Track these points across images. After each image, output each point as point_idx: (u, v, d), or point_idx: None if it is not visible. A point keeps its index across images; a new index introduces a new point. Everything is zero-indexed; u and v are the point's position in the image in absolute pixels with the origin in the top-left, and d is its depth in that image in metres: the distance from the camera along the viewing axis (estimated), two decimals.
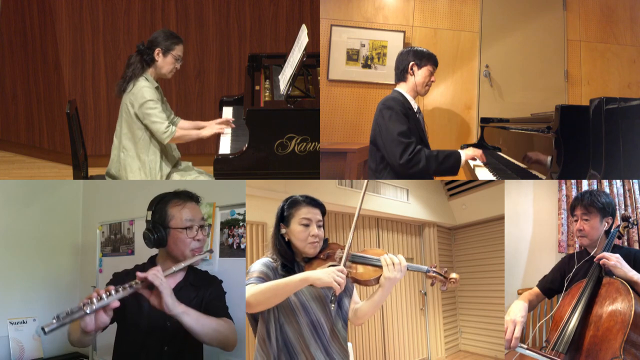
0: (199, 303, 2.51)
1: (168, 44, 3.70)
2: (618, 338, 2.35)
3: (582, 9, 4.84)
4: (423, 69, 3.37)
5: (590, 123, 2.67)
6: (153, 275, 2.30)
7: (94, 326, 2.22)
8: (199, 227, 2.54)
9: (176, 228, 2.50)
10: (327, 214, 2.41)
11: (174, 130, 3.67)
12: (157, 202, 2.56)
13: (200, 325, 2.35)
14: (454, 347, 5.80)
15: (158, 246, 2.54)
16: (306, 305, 2.24)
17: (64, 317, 2.14)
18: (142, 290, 2.30)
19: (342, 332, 2.30)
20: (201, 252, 2.56)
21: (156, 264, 2.54)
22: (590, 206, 2.75)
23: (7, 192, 3.63)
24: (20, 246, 3.59)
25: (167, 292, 2.29)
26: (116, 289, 2.26)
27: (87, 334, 2.24)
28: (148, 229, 2.53)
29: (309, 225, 2.26)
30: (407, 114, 3.28)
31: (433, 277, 2.24)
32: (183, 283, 2.55)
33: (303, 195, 2.31)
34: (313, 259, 2.28)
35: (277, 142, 3.60)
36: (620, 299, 2.43)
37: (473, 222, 5.72)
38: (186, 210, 2.53)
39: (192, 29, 5.44)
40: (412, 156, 3.16)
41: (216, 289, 2.61)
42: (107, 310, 2.24)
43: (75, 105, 3.87)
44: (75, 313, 2.17)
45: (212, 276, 2.68)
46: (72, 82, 5.43)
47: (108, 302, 2.22)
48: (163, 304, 2.29)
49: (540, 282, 2.95)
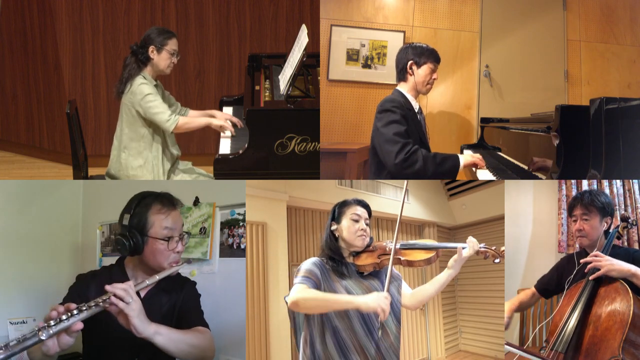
0: (171, 309, 2.36)
1: (161, 39, 3.70)
2: (617, 338, 2.35)
3: (582, 9, 4.84)
4: (423, 67, 3.28)
5: (590, 123, 2.67)
6: (123, 292, 2.10)
7: (57, 348, 2.03)
8: (179, 237, 2.36)
9: (156, 238, 2.31)
10: (327, 213, 2.49)
11: (177, 118, 3.66)
12: (137, 205, 2.35)
13: (174, 343, 2.18)
14: (454, 347, 5.80)
15: (132, 254, 2.34)
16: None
17: (14, 345, 1.93)
18: (110, 309, 2.10)
19: (392, 328, 2.34)
20: (178, 262, 2.38)
21: (124, 269, 2.39)
22: (591, 205, 2.75)
23: (7, 192, 3.63)
24: (20, 246, 3.59)
25: (135, 313, 2.09)
26: (79, 308, 2.04)
27: (50, 357, 2.04)
28: (123, 234, 2.30)
29: (359, 221, 2.40)
30: (407, 114, 3.21)
31: (484, 252, 2.38)
32: (154, 290, 2.38)
33: (353, 198, 2.47)
34: (361, 252, 2.41)
35: (277, 142, 3.60)
36: (619, 299, 2.44)
37: (473, 222, 5.72)
38: (169, 219, 2.34)
39: (192, 29, 5.44)
40: (407, 156, 3.06)
41: (189, 292, 2.45)
42: (69, 332, 2.03)
43: (75, 105, 3.87)
44: (28, 339, 1.96)
45: (184, 278, 2.51)
46: (72, 82, 5.44)
47: (68, 325, 2.01)
48: (131, 327, 2.10)
49: (537, 282, 2.96)
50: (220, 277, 3.19)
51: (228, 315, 3.01)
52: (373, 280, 2.39)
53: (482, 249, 2.38)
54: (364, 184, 4.79)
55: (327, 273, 2.33)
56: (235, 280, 3.14)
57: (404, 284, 2.51)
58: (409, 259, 2.37)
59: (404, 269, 4.57)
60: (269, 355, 3.63)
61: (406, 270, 5.02)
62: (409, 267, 2.42)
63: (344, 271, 2.36)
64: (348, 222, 2.40)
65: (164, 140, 3.79)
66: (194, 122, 3.77)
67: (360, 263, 2.38)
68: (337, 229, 2.41)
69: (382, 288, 2.37)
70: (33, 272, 3.65)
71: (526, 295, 2.97)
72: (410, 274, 5.25)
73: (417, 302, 2.49)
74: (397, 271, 2.49)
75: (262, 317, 3.63)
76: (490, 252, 2.37)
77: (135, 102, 3.67)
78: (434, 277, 2.48)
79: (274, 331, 3.66)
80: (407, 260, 2.37)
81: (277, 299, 3.73)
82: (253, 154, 3.59)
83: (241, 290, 3.13)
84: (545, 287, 2.91)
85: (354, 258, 2.41)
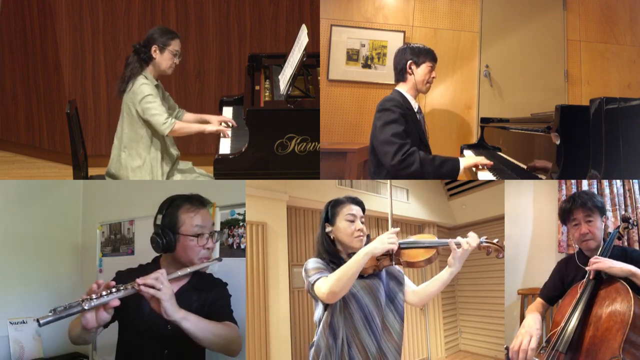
0: (202, 306, 2.46)
1: (164, 40, 3.70)
2: (617, 338, 2.35)
3: (582, 9, 4.84)
4: (422, 66, 3.32)
5: (590, 123, 2.67)
6: (154, 279, 2.27)
7: (95, 323, 2.21)
8: (209, 234, 2.49)
9: (186, 235, 2.45)
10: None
11: (173, 122, 3.67)
12: (168, 206, 2.49)
13: (201, 330, 2.30)
14: (454, 347, 5.80)
15: (166, 251, 2.48)
16: (357, 296, 2.30)
17: (61, 310, 2.13)
18: (143, 292, 2.27)
19: (394, 325, 2.34)
20: (209, 259, 2.51)
21: (160, 266, 2.50)
22: (593, 206, 2.73)
23: (7, 192, 3.63)
24: (20, 246, 3.59)
25: (167, 297, 2.26)
26: (117, 287, 2.24)
27: (87, 330, 2.22)
28: (157, 233, 2.46)
29: (354, 221, 2.36)
30: (406, 114, 3.23)
31: (487, 247, 2.35)
32: (186, 287, 2.50)
33: (345, 196, 2.43)
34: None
35: (277, 142, 3.60)
36: (619, 299, 2.43)
37: (473, 222, 5.72)
38: (198, 217, 2.47)
39: (192, 29, 5.44)
40: (404, 157, 3.06)
41: (220, 292, 2.56)
42: (107, 308, 2.22)
43: (75, 105, 3.87)
44: (73, 308, 2.15)
45: (217, 279, 2.62)
46: (72, 82, 5.44)
47: (108, 300, 2.20)
48: (162, 310, 2.25)
49: (541, 292, 2.90)
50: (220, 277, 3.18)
51: None
52: (374, 280, 2.37)
53: (484, 243, 2.35)
54: (364, 184, 4.79)
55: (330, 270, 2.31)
56: (235, 280, 3.14)
57: (408, 280, 2.48)
58: (408, 260, 2.34)
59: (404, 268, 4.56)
60: (269, 355, 3.63)
61: (406, 269, 5.01)
62: (408, 267, 2.39)
63: None
64: (343, 223, 2.35)
65: (163, 141, 3.79)
66: (189, 127, 3.78)
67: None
68: (332, 231, 2.37)
69: (383, 286, 2.37)
70: (33, 272, 3.66)
71: (540, 308, 2.88)
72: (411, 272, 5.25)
73: (421, 300, 2.46)
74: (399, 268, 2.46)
75: (262, 317, 3.63)
76: (493, 246, 2.35)
77: (135, 102, 3.67)
78: (436, 275, 2.44)
79: (274, 331, 3.66)
80: (407, 261, 2.34)
81: (277, 298, 3.73)
82: (253, 154, 3.59)
83: (241, 290, 3.13)
84: (551, 295, 2.86)
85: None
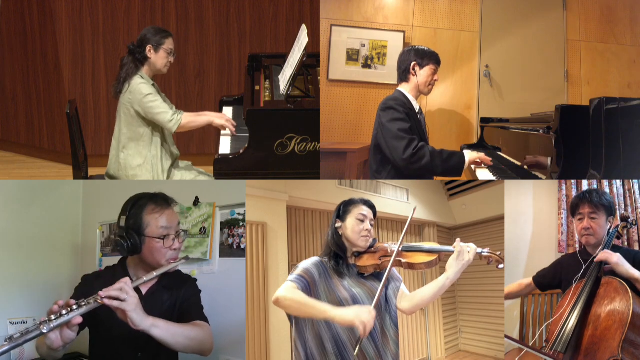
0: (173, 306, 2.43)
1: (158, 39, 3.70)
2: (616, 337, 2.35)
3: (582, 9, 4.84)
4: (425, 68, 3.36)
5: (590, 123, 2.67)
6: (119, 290, 2.20)
7: (60, 342, 2.15)
8: (175, 235, 2.44)
9: (152, 237, 2.39)
10: (327, 213, 2.47)
11: (179, 118, 3.66)
12: (132, 206, 2.43)
13: (171, 335, 2.26)
14: (454, 347, 5.80)
15: (132, 254, 2.43)
16: (357, 298, 2.30)
17: (18, 337, 2.07)
18: (108, 305, 2.20)
19: (391, 334, 2.34)
20: (177, 259, 2.46)
21: (126, 268, 2.47)
22: (599, 204, 2.74)
23: (7, 192, 3.63)
24: (20, 246, 3.59)
25: (132, 307, 2.19)
26: (78, 303, 2.17)
27: (54, 350, 2.17)
28: (121, 236, 2.39)
29: (364, 221, 2.40)
30: (409, 114, 3.28)
31: (488, 258, 2.38)
32: (156, 287, 2.46)
33: (359, 198, 2.48)
34: (363, 253, 2.41)
35: (277, 142, 3.60)
36: (618, 298, 2.44)
37: (473, 222, 5.72)
38: (163, 218, 2.41)
39: (192, 29, 5.44)
40: (416, 151, 3.14)
41: (190, 289, 2.52)
42: (70, 326, 2.15)
43: (75, 105, 3.87)
44: (30, 333, 2.09)
45: (186, 275, 2.59)
46: (72, 82, 5.44)
47: (68, 319, 2.14)
48: (128, 320, 2.19)
49: (536, 274, 2.99)
50: (220, 277, 3.19)
51: (228, 315, 3.01)
52: (374, 282, 2.38)
53: (486, 254, 2.37)
54: (364, 184, 4.80)
55: (327, 272, 2.33)
56: (235, 280, 3.15)
57: (403, 286, 2.48)
58: (409, 262, 2.36)
59: (404, 271, 4.57)
60: (269, 355, 3.63)
61: (406, 272, 5.01)
62: (409, 269, 2.40)
63: (345, 272, 2.36)
64: (353, 221, 2.40)
65: (163, 139, 3.79)
66: (196, 120, 3.76)
67: (362, 264, 2.38)
68: (342, 227, 2.41)
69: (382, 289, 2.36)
70: (33, 272, 3.65)
71: (520, 286, 2.99)
72: (410, 277, 5.25)
73: (413, 307, 2.41)
74: (399, 274, 2.47)
75: (262, 317, 3.63)
76: (495, 257, 2.37)
77: (135, 102, 3.67)
78: (433, 281, 2.42)
79: (274, 331, 3.66)
80: (408, 262, 2.36)
81: None
82: (253, 154, 3.59)
83: (241, 290, 3.13)
84: (541, 280, 2.94)
85: (356, 259, 2.41)
